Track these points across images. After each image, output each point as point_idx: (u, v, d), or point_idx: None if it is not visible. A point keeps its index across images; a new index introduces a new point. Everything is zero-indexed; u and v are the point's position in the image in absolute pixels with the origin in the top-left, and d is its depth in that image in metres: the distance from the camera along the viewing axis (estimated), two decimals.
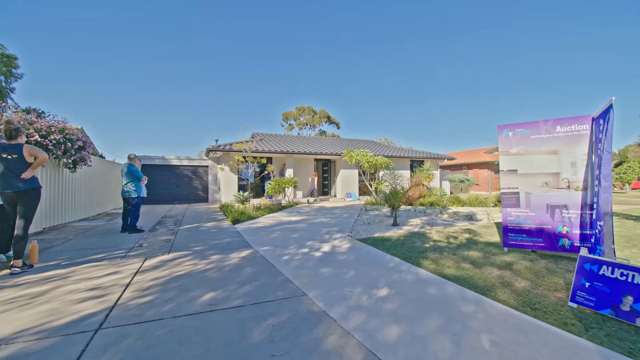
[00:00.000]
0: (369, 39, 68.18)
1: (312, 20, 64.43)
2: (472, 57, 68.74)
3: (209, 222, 7.65)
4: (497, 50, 66.05)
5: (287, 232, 6.01)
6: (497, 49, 65.99)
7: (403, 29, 66.26)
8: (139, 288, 3.08)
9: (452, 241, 5.05)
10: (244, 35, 66.27)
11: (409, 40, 66.85)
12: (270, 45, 67.59)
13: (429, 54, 68.07)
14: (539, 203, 4.08)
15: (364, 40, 68.73)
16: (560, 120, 4.01)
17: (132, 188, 6.36)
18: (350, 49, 68.52)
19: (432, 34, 66.16)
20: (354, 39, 68.30)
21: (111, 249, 4.78)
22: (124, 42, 59.80)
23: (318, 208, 10.85)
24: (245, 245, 4.98)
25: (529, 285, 3.13)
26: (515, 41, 64.43)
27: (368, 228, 6.44)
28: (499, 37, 63.80)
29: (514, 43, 64.81)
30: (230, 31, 65.37)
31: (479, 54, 67.11)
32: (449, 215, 8.37)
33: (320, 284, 3.14)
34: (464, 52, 67.61)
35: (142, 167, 14.64)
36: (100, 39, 55.95)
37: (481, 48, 66.59)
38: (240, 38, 66.16)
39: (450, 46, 66.65)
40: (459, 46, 66.49)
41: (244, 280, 3.28)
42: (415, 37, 66.59)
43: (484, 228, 6.31)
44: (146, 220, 8.16)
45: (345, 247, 4.76)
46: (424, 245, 4.81)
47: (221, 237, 5.69)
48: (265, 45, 67.62)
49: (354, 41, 68.57)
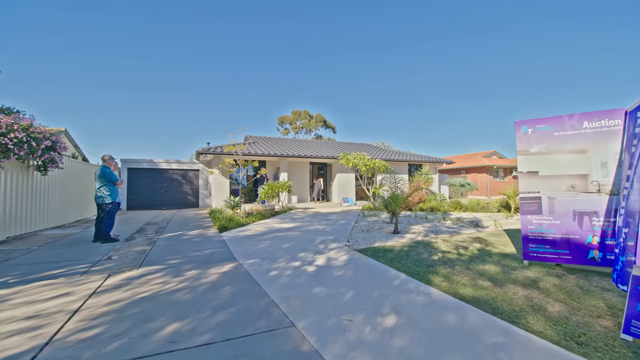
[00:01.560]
0: (366, 43, 68.37)
1: (308, 25, 64.49)
2: (471, 62, 69.22)
3: (193, 230, 7.03)
4: (496, 53, 66.62)
5: (277, 242, 5.43)
6: (496, 53, 66.55)
7: (402, 33, 66.61)
8: (88, 316, 2.48)
9: (462, 252, 4.50)
10: (239, 40, 66.06)
11: (408, 44, 67.17)
12: (265, 49, 67.42)
13: (426, 58, 68.41)
14: (565, 209, 3.56)
15: (361, 44, 68.91)
16: (588, 115, 3.52)
17: (106, 193, 5.74)
18: (347, 53, 68.60)
19: (430, 38, 66.59)
20: (351, 44, 68.44)
21: (74, 263, 4.15)
22: (123, 45, 59.13)
23: (313, 214, 10.27)
24: (229, 257, 4.38)
25: (565, 310, 2.59)
26: (515, 44, 65.07)
27: (367, 236, 5.87)
28: (497, 40, 64.40)
29: (515, 46, 65.43)
30: (226, 35, 65.11)
31: (477, 58, 67.59)
32: (452, 222, 7.84)
33: (313, 309, 2.57)
34: (461, 56, 68.05)
35: (129, 171, 13.98)
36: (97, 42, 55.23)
37: (479, 52, 67.13)
38: (235, 42, 65.93)
39: (449, 50, 67.04)
40: (456, 50, 66.92)
41: (220, 304, 2.69)
42: (414, 40, 66.95)
43: (494, 236, 5.78)
44: (126, 228, 7.51)
45: (342, 259, 4.19)
46: (431, 257, 4.25)
47: (203, 247, 5.08)
48: (261, 49, 67.45)
49: (350, 45, 68.70)
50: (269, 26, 63.84)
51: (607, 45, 66.49)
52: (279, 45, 66.99)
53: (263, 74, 69.86)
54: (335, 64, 69.46)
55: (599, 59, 69.03)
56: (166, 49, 63.13)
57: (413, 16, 63.01)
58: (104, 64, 57.02)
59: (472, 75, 70.85)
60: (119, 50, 58.31)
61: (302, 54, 68.49)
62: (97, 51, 54.06)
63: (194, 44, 63.43)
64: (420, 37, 65.96)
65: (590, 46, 66.50)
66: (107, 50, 55.76)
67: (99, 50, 54.43)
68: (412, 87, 73.73)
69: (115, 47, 57.71)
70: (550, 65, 68.12)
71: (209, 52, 65.68)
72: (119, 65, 60.31)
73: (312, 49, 68.25)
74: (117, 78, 63.68)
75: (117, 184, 6.16)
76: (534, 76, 72.01)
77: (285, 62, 68.32)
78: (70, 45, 52.34)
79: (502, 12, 60.30)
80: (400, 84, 72.28)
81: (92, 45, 54.35)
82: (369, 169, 12.45)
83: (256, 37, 65.74)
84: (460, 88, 74.13)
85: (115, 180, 6.07)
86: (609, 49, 66.57)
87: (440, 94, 75.02)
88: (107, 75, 61.33)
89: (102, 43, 54.70)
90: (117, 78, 63.72)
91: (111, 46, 56.87)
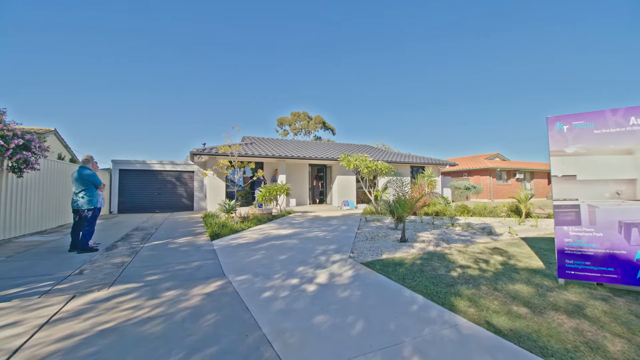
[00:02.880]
0: (367, 45, 68.07)
1: (308, 27, 64.16)
2: (470, 63, 69.03)
3: (183, 237, 6.48)
4: (496, 56, 66.47)
5: (273, 252, 4.89)
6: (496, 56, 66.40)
7: (402, 35, 66.37)
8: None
9: (484, 267, 3.97)
10: (238, 42, 65.66)
11: (409, 46, 66.92)
12: (265, 51, 67.04)
13: (426, 60, 68.17)
14: (608, 220, 3.05)
15: (361, 46, 68.61)
16: (636, 110, 3.01)
17: (86, 198, 5.19)
18: (347, 55, 68.28)
19: (430, 40, 66.35)
20: (351, 45, 68.12)
21: (39, 279, 3.60)
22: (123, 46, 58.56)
23: (312, 218, 9.73)
24: (217, 272, 3.83)
25: (629, 349, 2.06)
26: (516, 47, 64.91)
27: (372, 246, 5.34)
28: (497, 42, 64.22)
29: (516, 49, 65.26)
30: (225, 37, 64.68)
31: (476, 60, 67.41)
32: (462, 228, 7.32)
33: (315, 349, 2.03)
34: (461, 57, 67.85)
35: (120, 173, 13.41)
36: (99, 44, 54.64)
37: (478, 54, 66.94)
38: (235, 44, 65.51)
39: (449, 52, 66.84)
40: (456, 51, 66.71)
41: (198, 340, 2.15)
42: (414, 43, 66.71)
43: (514, 247, 5.26)
44: (111, 234, 6.95)
45: (347, 275, 3.65)
46: (449, 273, 3.72)
47: (190, 259, 4.53)
48: (261, 51, 67.06)
49: (350, 47, 68.37)
50: (269, 29, 63.48)
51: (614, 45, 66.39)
52: (278, 47, 66.64)
53: (262, 76, 69.46)
54: (335, 65, 69.12)
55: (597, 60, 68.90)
56: (166, 50, 62.62)
57: (413, 18, 62.80)
58: (101, 64, 56.44)
59: (472, 77, 70.66)
60: (119, 51, 57.75)
61: (302, 56, 68.13)
62: (91, 52, 53.47)
63: (194, 45, 62.96)
64: (420, 39, 65.73)
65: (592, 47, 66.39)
66: (103, 52, 55.18)
67: (92, 51, 53.85)
68: (412, 89, 73.46)
69: (114, 48, 57.13)
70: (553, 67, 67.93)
71: (208, 54, 65.22)
72: (118, 65, 59.73)
73: (312, 50, 67.90)
74: (116, 79, 63.06)
75: (100, 188, 5.63)
76: (538, 78, 71.89)
77: (285, 63, 67.94)
78: (63, 46, 51.72)
79: (503, 12, 60.19)
80: (400, 85, 72.02)
81: (87, 47, 53.75)
82: (370, 171, 11.94)
83: (256, 39, 65.35)
84: (461, 89, 73.90)
85: (99, 184, 5.54)
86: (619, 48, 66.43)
87: (440, 95, 74.78)
88: (107, 77, 60.72)
89: (98, 44, 54.12)
90: (116, 79, 63.10)
91: (111, 47, 56.30)
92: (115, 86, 62.52)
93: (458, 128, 79.82)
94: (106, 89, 61.75)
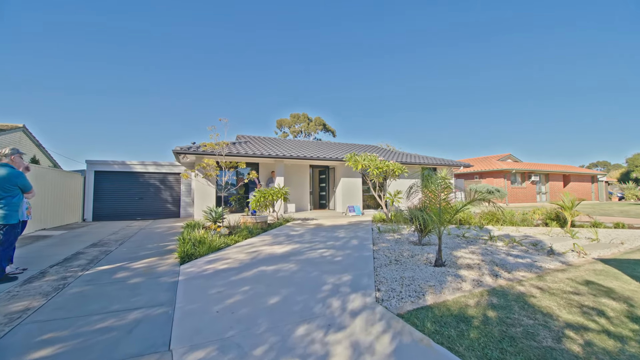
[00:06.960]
0: (367, 46, 66.89)
1: (308, 29, 63.02)
2: (471, 65, 67.82)
3: (146, 258, 4.91)
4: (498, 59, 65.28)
5: (262, 289, 3.33)
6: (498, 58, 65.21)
7: (402, 37, 65.22)
8: None
9: (605, 325, 2.41)
10: (237, 44, 64.46)
11: (409, 49, 65.78)
12: (265, 54, 65.82)
13: (427, 61, 66.98)
14: None
15: (362, 48, 67.44)
16: None
17: (2, 209, 3.67)
18: (347, 57, 67.10)
19: (431, 43, 65.21)
20: (351, 48, 66.96)
21: None
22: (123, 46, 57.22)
23: (314, 227, 8.17)
24: (159, 340, 2.25)
25: None
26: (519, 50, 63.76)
27: (403, 276, 3.78)
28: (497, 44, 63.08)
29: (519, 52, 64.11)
30: (225, 40, 63.53)
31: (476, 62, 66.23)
32: (505, 244, 5.77)
33: None
34: (461, 59, 66.68)
35: (95, 175, 11.84)
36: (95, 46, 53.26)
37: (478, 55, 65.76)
38: (234, 47, 64.31)
39: (449, 54, 65.71)
40: (456, 53, 65.57)
41: None
42: (414, 46, 65.58)
43: (604, 276, 3.70)
44: (57, 251, 5.38)
45: (383, 346, 2.10)
46: (561, 342, 2.16)
47: (131, 304, 2.96)
48: (261, 54, 65.84)
49: (351, 50, 67.20)
50: (269, 31, 62.33)
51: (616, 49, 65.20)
52: (278, 49, 65.43)
53: (262, 78, 68.19)
54: (335, 68, 67.92)
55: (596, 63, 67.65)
56: (166, 51, 61.34)
57: (413, 20, 61.68)
58: (98, 67, 55.08)
59: (472, 78, 69.40)
60: (119, 52, 56.42)
61: (302, 58, 66.92)
62: (85, 52, 52.13)
63: (194, 47, 61.74)
64: (421, 41, 64.56)
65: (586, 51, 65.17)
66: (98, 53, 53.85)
67: (85, 51, 52.52)
68: (413, 91, 72.18)
69: (115, 48, 55.80)
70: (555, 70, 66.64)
71: (208, 56, 63.96)
72: (119, 66, 58.38)
73: (313, 53, 66.70)
74: (117, 81, 61.68)
75: (27, 194, 4.11)
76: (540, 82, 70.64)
77: (285, 66, 66.69)
78: (54, 47, 50.35)
79: (503, 15, 59.08)
80: (401, 87, 70.72)
81: (82, 47, 52.42)
82: (381, 172, 10.39)
83: (256, 42, 64.16)
84: (461, 91, 72.60)
85: (28, 189, 4.03)
86: None
87: (441, 96, 73.48)
88: (108, 78, 59.33)
89: (94, 45, 52.79)
90: (117, 81, 61.72)
91: (111, 47, 54.96)
92: (115, 88, 61.08)
93: (463, 130, 78.46)
94: (106, 90, 60.32)
